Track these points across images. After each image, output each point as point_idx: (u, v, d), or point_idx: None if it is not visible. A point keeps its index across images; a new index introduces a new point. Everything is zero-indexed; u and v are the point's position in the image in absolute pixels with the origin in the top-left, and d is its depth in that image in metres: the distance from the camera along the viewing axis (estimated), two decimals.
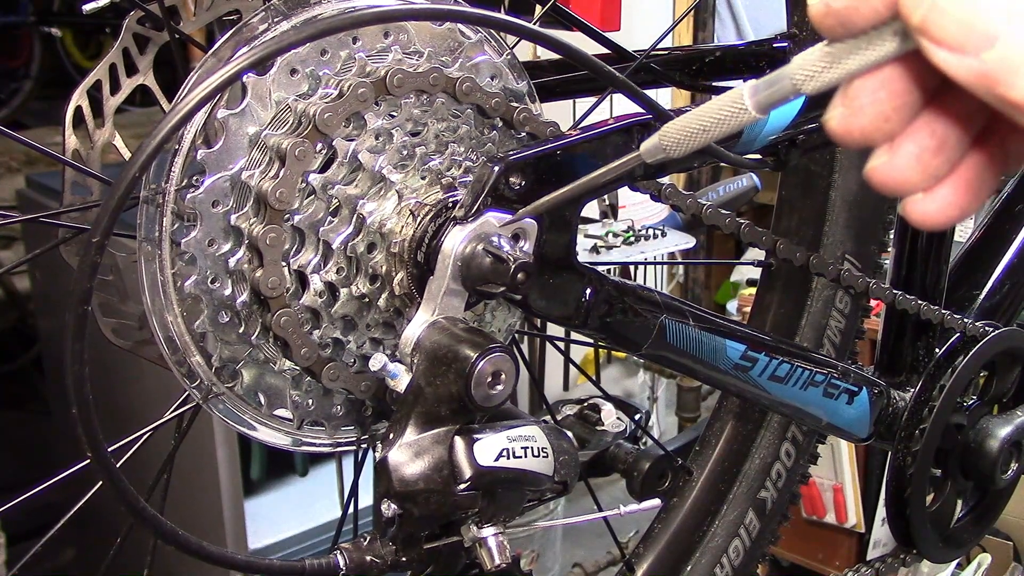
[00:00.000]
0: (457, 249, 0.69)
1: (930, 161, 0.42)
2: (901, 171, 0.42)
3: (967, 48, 0.37)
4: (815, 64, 0.42)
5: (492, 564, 0.69)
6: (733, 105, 0.45)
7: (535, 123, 0.77)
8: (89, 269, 0.55)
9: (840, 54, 0.41)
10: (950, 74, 0.38)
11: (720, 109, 0.45)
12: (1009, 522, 2.28)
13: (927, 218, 0.44)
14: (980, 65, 0.37)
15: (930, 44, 0.38)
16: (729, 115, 0.45)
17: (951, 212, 0.43)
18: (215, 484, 2.07)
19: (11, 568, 1.93)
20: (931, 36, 0.38)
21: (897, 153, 0.42)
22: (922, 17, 0.38)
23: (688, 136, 0.47)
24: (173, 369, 0.69)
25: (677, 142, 0.47)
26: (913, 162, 0.42)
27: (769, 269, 1.25)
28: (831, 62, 0.41)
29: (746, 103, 0.44)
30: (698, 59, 1.09)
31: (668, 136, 0.48)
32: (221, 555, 0.65)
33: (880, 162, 0.43)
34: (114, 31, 4.09)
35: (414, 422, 0.66)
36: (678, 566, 1.23)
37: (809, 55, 0.42)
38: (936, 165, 0.43)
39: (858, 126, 0.42)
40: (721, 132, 0.46)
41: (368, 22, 0.68)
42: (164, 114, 0.60)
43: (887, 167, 0.42)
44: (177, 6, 0.74)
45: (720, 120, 0.45)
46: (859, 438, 1.04)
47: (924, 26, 0.38)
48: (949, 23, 0.37)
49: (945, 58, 0.38)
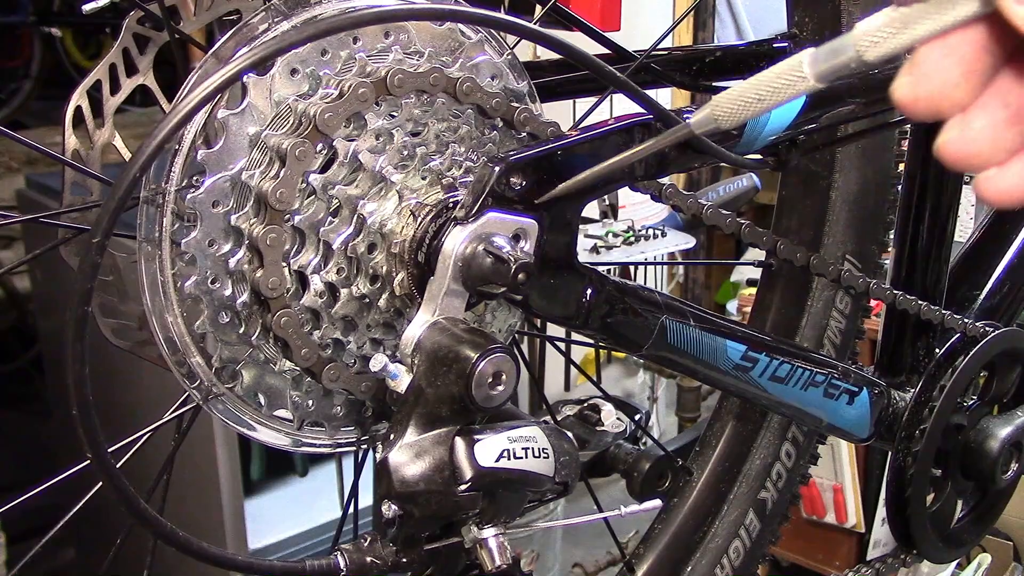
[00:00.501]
0: (458, 249, 0.69)
1: (1005, 133, 0.40)
2: (974, 144, 0.40)
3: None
4: (882, 29, 0.39)
5: (493, 565, 0.69)
6: (792, 74, 0.42)
7: (536, 123, 0.77)
8: (90, 269, 0.55)
9: (909, 19, 0.39)
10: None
11: (778, 78, 0.43)
12: (1009, 522, 2.28)
13: (1002, 195, 0.41)
14: None
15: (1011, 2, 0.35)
16: (786, 84, 0.43)
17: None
18: (215, 484, 2.07)
19: (11, 568, 1.93)
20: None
21: (969, 125, 0.40)
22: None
23: (743, 106, 0.45)
24: (173, 370, 0.69)
25: (730, 112, 0.45)
26: (986, 134, 0.40)
27: (769, 269, 1.25)
28: (899, 27, 0.39)
29: (806, 71, 0.42)
30: (698, 59, 1.09)
31: (721, 106, 0.46)
32: (221, 556, 0.65)
33: (952, 135, 0.40)
34: (114, 31, 4.09)
35: (415, 423, 0.66)
36: (678, 566, 1.23)
37: (875, 20, 0.40)
38: (1011, 137, 0.40)
39: (927, 95, 0.39)
40: (777, 101, 0.44)
41: (369, 22, 0.68)
42: (164, 114, 0.60)
43: (959, 140, 0.40)
44: (177, 6, 0.74)
45: (777, 89, 0.43)
46: (859, 438, 1.04)
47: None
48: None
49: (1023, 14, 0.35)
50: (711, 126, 0.47)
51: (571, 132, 0.77)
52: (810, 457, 1.29)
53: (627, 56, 0.99)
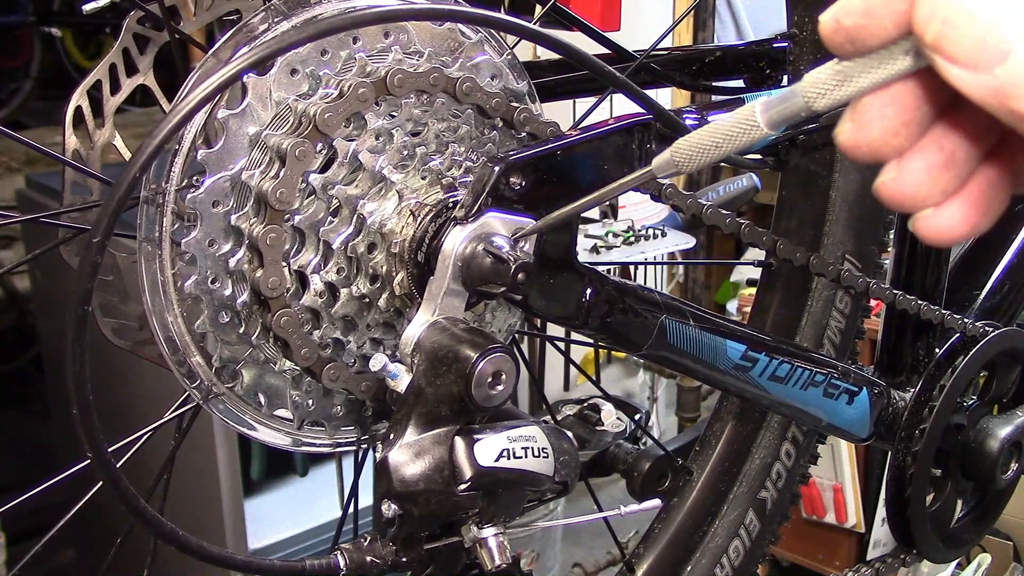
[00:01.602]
0: (458, 249, 0.69)
1: (939, 176, 0.42)
2: (910, 186, 0.42)
3: (981, 64, 0.37)
4: (826, 81, 0.42)
5: (492, 564, 0.69)
6: (745, 122, 0.45)
7: (535, 123, 0.77)
8: (90, 269, 0.55)
9: (851, 72, 0.41)
10: (964, 91, 0.38)
11: (732, 126, 0.45)
12: (1009, 522, 2.28)
13: (937, 234, 0.43)
14: (994, 80, 0.36)
15: (943, 61, 0.38)
16: (741, 131, 0.45)
17: (961, 228, 0.43)
18: (215, 484, 2.07)
19: (11, 568, 1.93)
20: (944, 53, 0.37)
21: (906, 168, 0.42)
22: (935, 34, 0.37)
23: (700, 152, 0.47)
24: (173, 369, 0.69)
25: (689, 158, 0.48)
26: (922, 177, 0.42)
27: (769, 269, 1.25)
28: (842, 80, 0.41)
29: (758, 120, 0.44)
30: (698, 59, 1.09)
31: (680, 152, 0.48)
32: (221, 555, 0.65)
33: (889, 177, 0.42)
34: (114, 31, 4.10)
35: (414, 422, 0.66)
36: (678, 566, 1.23)
37: (820, 73, 0.42)
38: (945, 180, 0.42)
39: (867, 142, 0.42)
40: (732, 148, 0.46)
41: (369, 22, 0.68)
42: (164, 114, 0.60)
43: (896, 182, 0.42)
44: (177, 6, 0.75)
45: (732, 136, 0.46)
46: (859, 438, 1.04)
47: (937, 43, 0.37)
48: (963, 39, 0.37)
49: (959, 75, 0.37)
50: (671, 170, 0.49)
51: (571, 132, 0.77)
52: (810, 457, 1.29)
53: (627, 56, 0.99)
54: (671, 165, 0.49)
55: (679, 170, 0.49)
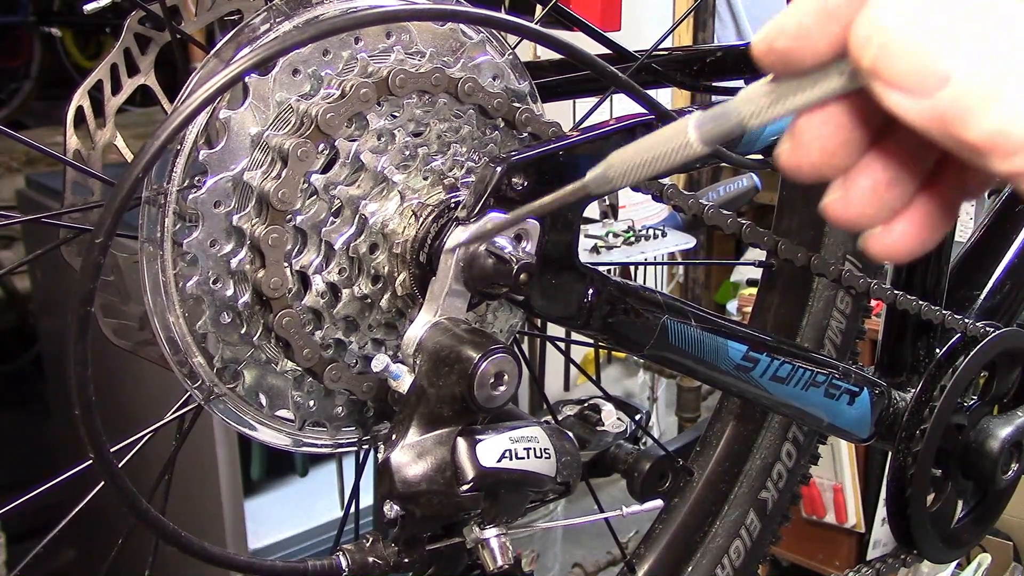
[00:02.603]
0: (459, 250, 0.69)
1: (885, 194, 0.41)
2: (856, 206, 0.41)
3: (919, 89, 0.35)
4: (760, 99, 0.41)
5: (494, 565, 0.69)
6: (678, 138, 0.44)
7: (537, 123, 0.77)
8: (92, 270, 0.54)
9: (785, 91, 0.40)
10: (901, 116, 0.36)
11: (666, 142, 0.45)
12: (1009, 522, 2.28)
13: (886, 252, 0.42)
14: (933, 106, 0.35)
15: (880, 86, 0.36)
16: (674, 148, 0.44)
17: (910, 245, 0.42)
18: (215, 484, 2.07)
19: (11, 569, 1.93)
20: (881, 78, 0.36)
21: (851, 188, 0.41)
22: (872, 59, 0.36)
23: (634, 167, 0.46)
24: (175, 370, 0.69)
25: (622, 173, 0.47)
26: (867, 196, 0.41)
27: (770, 269, 1.25)
28: (776, 98, 0.40)
29: (691, 136, 0.43)
30: (699, 59, 1.09)
31: (614, 167, 0.47)
32: (223, 556, 0.65)
33: (834, 198, 0.42)
34: (114, 31, 4.10)
35: (416, 423, 0.66)
36: (679, 566, 1.23)
37: (754, 90, 0.41)
38: (891, 198, 0.41)
39: (807, 161, 0.41)
40: (666, 164, 0.45)
41: (371, 22, 0.68)
42: (166, 114, 0.60)
43: (841, 202, 0.41)
44: (178, 6, 0.74)
45: (665, 153, 0.45)
46: (860, 438, 1.04)
47: (874, 68, 0.36)
48: (900, 64, 0.35)
49: (897, 100, 0.36)
50: (605, 186, 0.49)
51: (572, 132, 0.77)
52: (810, 457, 1.29)
53: (628, 56, 0.99)
54: (605, 180, 0.48)
55: (613, 186, 0.48)
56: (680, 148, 0.44)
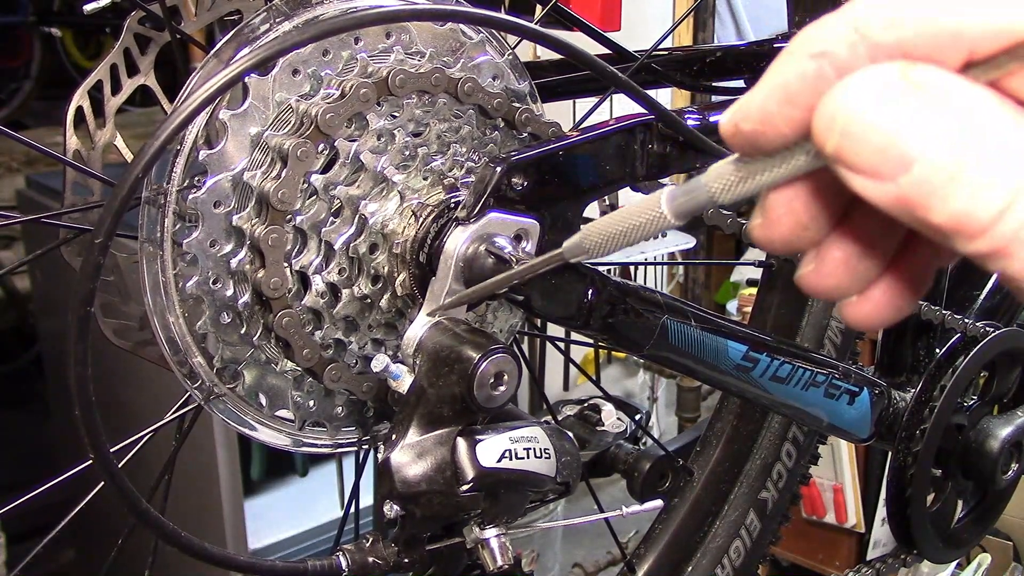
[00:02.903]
0: (459, 250, 0.69)
1: (857, 265, 0.41)
2: (830, 277, 0.41)
3: (883, 174, 0.35)
4: (729, 177, 0.42)
5: (494, 565, 0.69)
6: (651, 211, 0.45)
7: (537, 123, 0.77)
8: (92, 270, 0.54)
9: (753, 169, 0.41)
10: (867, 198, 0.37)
11: (639, 214, 0.46)
12: (1009, 522, 2.28)
13: (862, 320, 0.42)
14: (897, 190, 0.35)
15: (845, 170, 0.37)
16: (647, 221, 0.46)
17: (886, 313, 0.42)
18: (215, 484, 2.07)
19: (12, 568, 1.93)
20: (846, 164, 0.36)
21: (824, 260, 0.41)
22: (836, 145, 0.36)
23: (609, 238, 0.48)
24: (175, 370, 0.69)
25: (598, 244, 0.49)
26: (840, 268, 0.41)
27: (770, 270, 1.25)
28: (744, 176, 0.41)
29: (664, 210, 0.45)
30: (699, 59, 1.09)
31: (590, 238, 0.49)
32: (223, 556, 0.65)
33: (808, 270, 0.42)
34: (114, 31, 4.09)
35: (416, 423, 0.66)
36: (679, 566, 1.23)
37: (723, 167, 0.42)
38: (864, 269, 0.41)
39: (779, 236, 0.41)
40: (640, 237, 0.47)
41: (371, 23, 0.68)
42: (165, 115, 0.60)
43: (815, 274, 0.42)
44: (178, 6, 0.74)
45: (639, 226, 0.46)
46: (860, 438, 1.04)
47: (839, 154, 0.36)
48: (863, 150, 0.36)
49: (862, 184, 0.36)
50: (581, 255, 0.51)
51: (572, 132, 0.77)
52: (810, 457, 1.29)
53: (628, 56, 0.99)
54: (581, 250, 0.50)
55: (589, 255, 0.50)
56: (653, 221, 0.46)
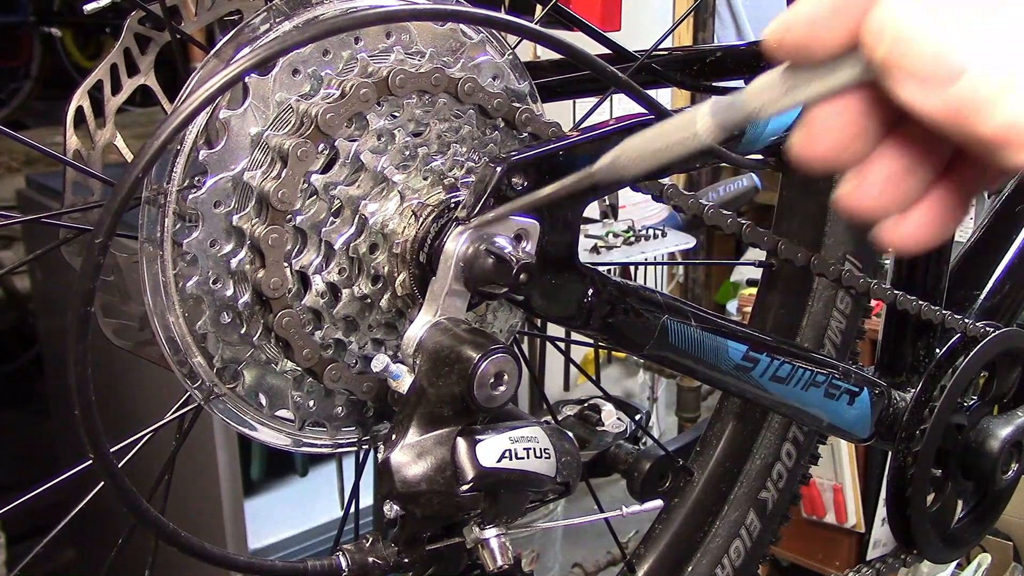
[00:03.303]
0: (459, 250, 0.69)
1: (900, 185, 0.41)
2: (871, 196, 0.41)
3: (933, 82, 0.35)
4: (772, 90, 0.41)
5: (494, 565, 0.69)
6: (690, 127, 0.44)
7: (537, 123, 0.77)
8: (92, 270, 0.54)
9: (797, 82, 0.40)
10: (914, 109, 0.36)
11: (676, 130, 0.44)
12: (1009, 522, 2.28)
13: (902, 243, 0.42)
14: (947, 100, 0.35)
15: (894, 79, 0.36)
16: (684, 138, 0.44)
17: (926, 235, 0.42)
18: (215, 484, 2.07)
19: (11, 568, 1.93)
20: (895, 71, 0.36)
21: (865, 178, 0.41)
22: (885, 52, 0.36)
23: (644, 155, 0.46)
24: (175, 370, 0.69)
25: (633, 160, 0.47)
26: (882, 187, 0.41)
27: (770, 270, 1.25)
28: (788, 89, 0.40)
29: (703, 126, 0.43)
30: (699, 59, 1.09)
31: (624, 156, 0.47)
32: (223, 556, 0.65)
33: (848, 188, 0.41)
34: (114, 31, 4.09)
35: (416, 423, 0.66)
36: (679, 566, 1.23)
37: (766, 80, 0.41)
38: (907, 188, 0.41)
39: (821, 152, 0.40)
40: (676, 153, 0.45)
41: (371, 22, 0.68)
42: (165, 114, 0.60)
43: (856, 193, 0.41)
44: (178, 6, 0.74)
45: (676, 143, 0.44)
46: (860, 438, 1.04)
47: (888, 61, 0.36)
48: (915, 57, 0.35)
49: (910, 93, 0.36)
50: (614, 174, 0.48)
51: (572, 132, 0.77)
52: (810, 457, 1.29)
53: (628, 56, 0.99)
54: (614, 169, 0.48)
55: (622, 174, 0.48)
56: (690, 138, 0.44)
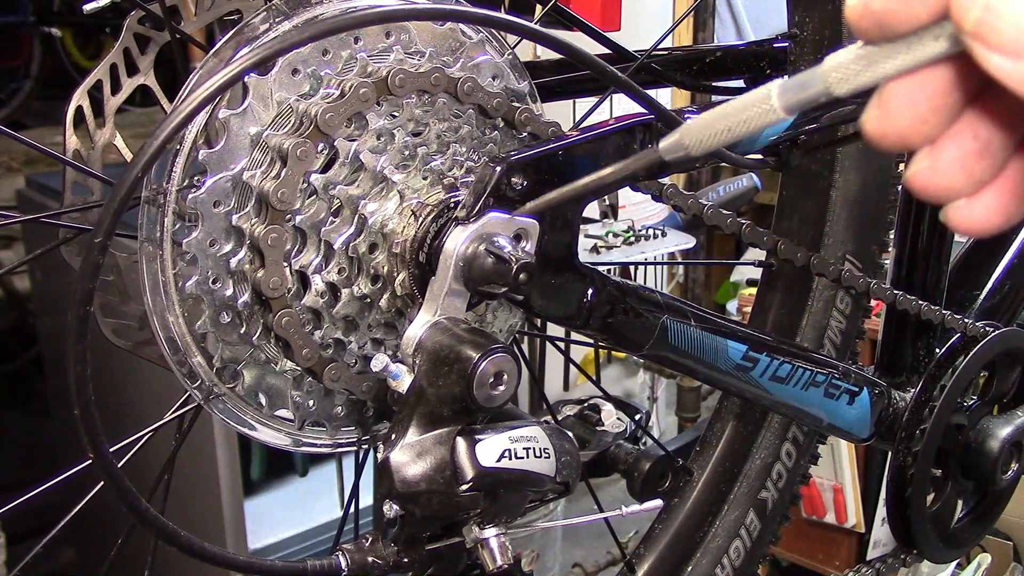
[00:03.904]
0: (459, 249, 0.69)
1: (974, 165, 0.40)
2: (943, 176, 0.40)
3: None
4: (850, 66, 0.39)
5: (494, 565, 0.69)
6: (761, 104, 0.42)
7: (537, 123, 0.77)
8: (91, 269, 0.54)
9: (877, 56, 0.39)
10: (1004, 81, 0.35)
11: (746, 108, 0.43)
12: (1009, 522, 2.28)
13: (971, 225, 0.41)
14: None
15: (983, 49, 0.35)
16: (756, 115, 0.42)
17: (996, 219, 0.41)
18: (215, 484, 2.07)
19: (11, 568, 1.93)
20: (985, 40, 0.35)
21: (939, 157, 0.39)
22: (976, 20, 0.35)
23: (711, 135, 0.44)
24: (174, 370, 0.69)
25: (699, 140, 0.45)
26: (956, 166, 0.39)
27: (770, 269, 1.25)
28: (867, 64, 0.39)
29: (774, 103, 0.42)
30: (699, 59, 1.09)
31: (690, 134, 0.45)
32: (223, 556, 0.65)
33: (921, 167, 0.40)
34: (114, 31, 4.09)
35: (416, 423, 0.66)
36: (679, 566, 1.23)
37: (843, 56, 0.40)
38: (980, 169, 0.40)
39: (895, 129, 0.39)
40: (746, 132, 0.43)
41: (371, 22, 0.68)
42: (165, 114, 0.60)
43: (928, 172, 0.40)
44: (178, 6, 0.74)
45: (746, 120, 0.43)
46: (860, 438, 1.04)
47: (978, 30, 0.35)
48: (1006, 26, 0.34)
49: (999, 63, 0.35)
50: (680, 153, 0.47)
51: (572, 132, 0.77)
52: (810, 457, 1.29)
53: (628, 56, 0.99)
54: (680, 147, 0.46)
55: (688, 153, 0.46)
56: (763, 115, 0.42)
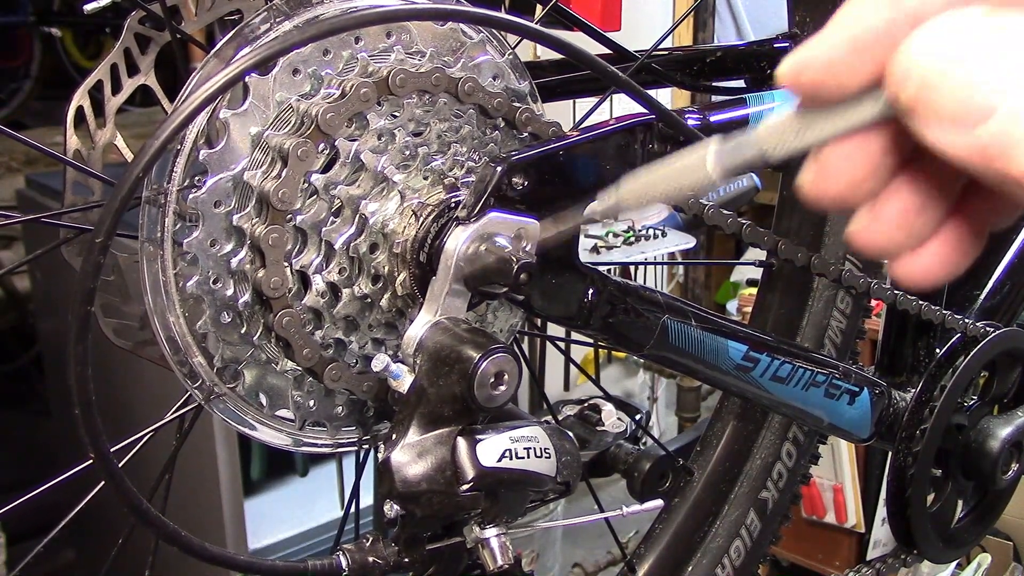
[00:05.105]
0: (460, 249, 0.69)
1: (913, 221, 0.40)
2: (884, 234, 0.40)
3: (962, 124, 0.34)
4: (785, 131, 0.40)
5: (495, 565, 0.69)
6: (696, 171, 0.42)
7: (537, 123, 0.77)
8: (92, 270, 0.54)
9: (811, 121, 0.39)
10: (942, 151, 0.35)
11: (682, 170, 0.43)
12: (1009, 522, 2.28)
13: (915, 278, 0.41)
14: (976, 141, 0.34)
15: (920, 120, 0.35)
16: (690, 178, 0.43)
17: (939, 271, 0.41)
18: (215, 484, 2.07)
19: (11, 568, 1.93)
20: (923, 113, 0.35)
21: (878, 216, 0.40)
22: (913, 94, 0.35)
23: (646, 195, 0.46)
24: (175, 369, 0.69)
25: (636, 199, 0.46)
26: (895, 224, 0.40)
27: (770, 269, 1.25)
28: (802, 129, 0.39)
29: (710, 169, 0.42)
30: (699, 59, 1.09)
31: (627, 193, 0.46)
32: (223, 556, 0.65)
33: (861, 225, 0.40)
34: (114, 31, 4.09)
35: (417, 423, 0.66)
36: (679, 566, 1.23)
37: (777, 121, 0.40)
38: (920, 225, 0.40)
39: (833, 191, 0.40)
40: (681, 193, 0.44)
41: (372, 22, 0.68)
42: (166, 114, 0.60)
43: (869, 230, 0.40)
44: (179, 6, 0.74)
45: (681, 185, 0.43)
46: (860, 438, 1.04)
47: (915, 103, 0.35)
48: (943, 99, 0.34)
49: (937, 135, 0.35)
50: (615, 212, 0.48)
51: (573, 132, 0.77)
52: (811, 457, 1.29)
53: (628, 56, 0.99)
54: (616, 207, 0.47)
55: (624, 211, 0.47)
56: (698, 180, 0.43)
